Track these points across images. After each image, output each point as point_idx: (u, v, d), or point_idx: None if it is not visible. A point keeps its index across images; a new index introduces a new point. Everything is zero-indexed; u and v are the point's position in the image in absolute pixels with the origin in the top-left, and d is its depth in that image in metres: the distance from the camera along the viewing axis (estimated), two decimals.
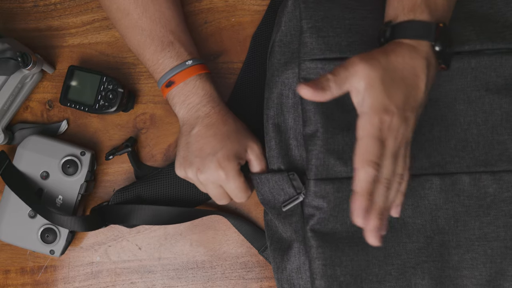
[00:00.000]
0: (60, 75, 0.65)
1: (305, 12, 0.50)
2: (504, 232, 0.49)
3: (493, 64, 0.49)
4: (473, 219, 0.49)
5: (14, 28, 0.66)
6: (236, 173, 0.52)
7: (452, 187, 0.49)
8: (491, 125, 0.49)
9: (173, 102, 0.55)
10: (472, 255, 0.49)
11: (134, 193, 0.62)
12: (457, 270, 0.50)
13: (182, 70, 0.54)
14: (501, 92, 0.49)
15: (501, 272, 0.49)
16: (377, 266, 0.49)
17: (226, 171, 0.51)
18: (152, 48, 0.55)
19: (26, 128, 0.64)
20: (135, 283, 0.64)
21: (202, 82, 0.55)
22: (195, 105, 0.54)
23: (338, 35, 0.49)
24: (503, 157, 0.49)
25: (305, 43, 0.50)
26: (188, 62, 0.55)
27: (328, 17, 0.50)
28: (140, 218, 0.60)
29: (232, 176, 0.51)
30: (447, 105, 0.49)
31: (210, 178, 0.52)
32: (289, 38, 0.53)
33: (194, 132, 0.53)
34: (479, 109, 0.49)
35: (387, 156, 0.41)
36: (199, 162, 0.52)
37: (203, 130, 0.53)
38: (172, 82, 0.54)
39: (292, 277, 0.53)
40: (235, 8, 0.64)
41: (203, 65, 0.56)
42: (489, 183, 0.49)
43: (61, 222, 0.58)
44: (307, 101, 0.49)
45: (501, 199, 0.49)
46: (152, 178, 0.62)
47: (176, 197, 0.62)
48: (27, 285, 0.65)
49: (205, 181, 0.52)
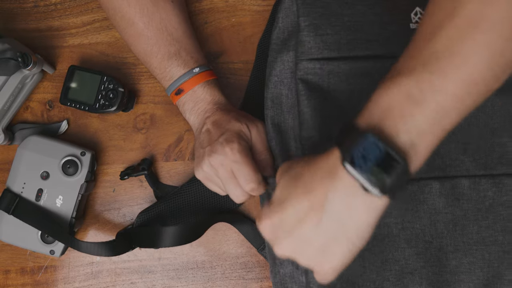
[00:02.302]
0: (60, 75, 0.65)
1: (303, 8, 0.49)
2: (502, 236, 0.49)
3: None
4: (472, 223, 0.49)
5: (15, 28, 0.66)
6: (242, 149, 0.51)
7: (452, 191, 0.49)
8: (492, 127, 0.48)
9: (183, 109, 0.56)
10: (470, 260, 0.49)
11: (156, 213, 0.62)
12: (454, 274, 0.49)
13: (190, 78, 0.55)
14: (502, 95, 0.48)
15: (498, 276, 0.49)
16: (375, 272, 0.49)
17: (232, 147, 0.50)
18: (159, 56, 0.55)
19: (26, 128, 0.64)
20: (135, 283, 0.64)
21: (210, 88, 0.55)
22: (203, 110, 0.55)
23: (336, 33, 0.48)
24: (503, 160, 0.48)
25: (303, 42, 0.48)
26: (195, 70, 0.55)
27: (326, 14, 0.48)
28: (166, 240, 0.60)
29: (238, 152, 0.50)
30: None
31: (219, 158, 0.51)
32: (286, 35, 0.52)
33: (204, 130, 0.54)
34: (480, 111, 0.48)
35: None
36: (209, 149, 0.52)
37: (211, 127, 0.53)
38: (181, 90, 0.55)
39: (286, 281, 0.52)
40: (235, 8, 0.64)
41: (210, 71, 0.56)
42: (488, 186, 0.48)
43: (88, 250, 0.58)
44: (304, 103, 0.49)
45: (500, 203, 0.49)
46: (172, 197, 0.62)
47: (198, 212, 0.62)
48: (27, 285, 0.65)
49: (216, 164, 0.51)
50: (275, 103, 0.53)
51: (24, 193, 0.61)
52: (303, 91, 0.48)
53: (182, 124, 0.64)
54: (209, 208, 0.62)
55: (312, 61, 0.48)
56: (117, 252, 0.59)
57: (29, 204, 0.60)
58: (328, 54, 0.48)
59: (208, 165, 0.52)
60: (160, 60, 0.55)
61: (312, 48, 0.48)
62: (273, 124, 0.53)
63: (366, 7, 0.49)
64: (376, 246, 0.48)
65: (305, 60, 0.49)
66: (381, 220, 0.37)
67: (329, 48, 0.48)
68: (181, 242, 0.60)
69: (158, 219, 0.62)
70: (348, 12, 0.48)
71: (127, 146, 0.65)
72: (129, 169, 0.64)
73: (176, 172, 0.64)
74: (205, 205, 0.62)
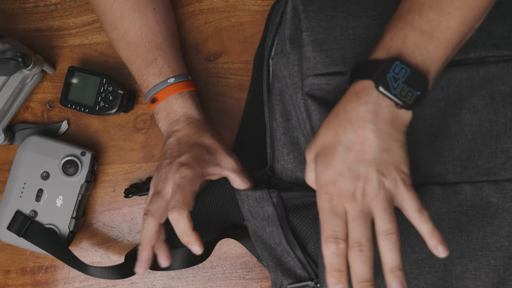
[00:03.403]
0: (60, 75, 0.65)
1: (306, 23, 0.47)
2: (508, 242, 0.48)
3: (500, 73, 0.47)
4: (477, 229, 0.48)
5: (15, 28, 0.66)
6: (190, 177, 0.49)
7: (454, 196, 0.48)
8: (495, 133, 0.48)
9: (157, 118, 0.56)
10: (475, 265, 0.48)
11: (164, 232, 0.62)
12: (460, 280, 0.49)
13: (163, 88, 0.55)
14: (506, 100, 0.47)
15: (503, 282, 0.48)
16: (380, 278, 0.49)
17: (181, 173, 0.49)
18: (137, 63, 0.56)
19: (26, 128, 0.64)
20: (135, 283, 0.64)
21: (183, 100, 0.55)
22: (174, 121, 0.55)
23: (342, 47, 0.47)
24: (506, 166, 0.48)
25: (308, 58, 0.47)
26: (170, 80, 0.55)
27: (331, 27, 0.47)
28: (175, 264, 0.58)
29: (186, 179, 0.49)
30: (453, 116, 0.48)
31: (170, 176, 0.49)
32: (288, 48, 0.50)
33: (169, 142, 0.53)
34: (484, 118, 0.48)
35: (351, 220, 0.41)
36: (167, 162, 0.51)
37: (175, 142, 0.53)
38: (156, 99, 0.55)
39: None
40: (235, 8, 0.64)
41: (186, 82, 0.56)
42: (492, 192, 0.48)
43: (98, 274, 0.58)
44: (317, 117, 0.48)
45: (504, 208, 0.48)
46: None
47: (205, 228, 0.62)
48: (27, 285, 0.65)
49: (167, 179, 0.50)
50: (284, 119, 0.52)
51: (24, 193, 0.61)
52: (313, 106, 0.48)
53: None
54: (215, 224, 0.62)
55: (318, 77, 0.47)
56: (126, 274, 0.58)
57: (40, 228, 0.60)
58: (334, 69, 0.47)
59: (161, 176, 0.50)
60: (138, 67, 0.56)
61: (317, 63, 0.47)
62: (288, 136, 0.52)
63: (369, 18, 0.47)
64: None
65: (311, 76, 0.47)
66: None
67: (335, 63, 0.47)
68: (189, 264, 0.59)
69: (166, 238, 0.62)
70: (353, 25, 0.47)
71: (127, 146, 0.65)
72: (134, 187, 0.64)
73: None
74: (211, 221, 0.62)
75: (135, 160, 0.65)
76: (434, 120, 0.48)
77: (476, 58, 0.47)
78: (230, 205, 0.62)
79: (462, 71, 0.47)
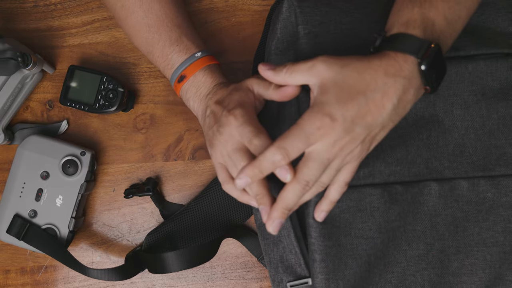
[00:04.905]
0: (60, 75, 0.65)
1: (301, 17, 0.49)
2: (503, 237, 0.49)
3: (489, 69, 0.48)
4: (473, 225, 0.49)
5: (15, 28, 0.66)
6: (244, 113, 0.49)
7: (451, 192, 0.49)
8: (488, 129, 0.49)
9: (186, 97, 0.55)
10: (472, 261, 0.49)
11: (165, 234, 0.62)
12: (456, 276, 0.49)
13: (192, 63, 0.54)
14: (497, 96, 0.49)
15: (499, 277, 0.49)
16: (377, 275, 0.49)
17: (235, 114, 0.48)
18: (161, 44, 0.55)
19: (26, 128, 0.64)
20: (135, 283, 0.64)
21: (212, 72, 0.55)
22: (205, 94, 0.54)
23: (335, 40, 0.48)
24: (500, 162, 0.49)
25: (302, 50, 0.49)
26: (197, 54, 0.55)
27: (325, 22, 0.49)
28: (175, 265, 0.59)
29: (241, 116, 0.48)
30: (444, 110, 0.49)
31: (227, 130, 0.49)
32: (285, 45, 0.52)
33: (208, 113, 0.52)
34: (476, 113, 0.49)
35: (312, 160, 0.42)
36: (216, 126, 0.50)
37: (214, 107, 0.52)
38: (184, 76, 0.54)
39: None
40: (235, 8, 0.65)
41: (211, 56, 0.56)
42: (487, 188, 0.49)
43: (98, 276, 0.58)
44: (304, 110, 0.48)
45: (500, 204, 0.49)
46: (179, 216, 0.62)
47: (206, 229, 0.62)
48: (27, 285, 0.65)
49: (225, 139, 0.49)
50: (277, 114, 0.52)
51: (24, 193, 0.61)
52: (304, 98, 0.48)
53: (182, 124, 0.65)
54: (217, 225, 0.62)
55: None
56: (127, 276, 0.59)
57: (39, 231, 0.60)
58: None
59: (219, 142, 0.49)
60: (162, 48, 0.55)
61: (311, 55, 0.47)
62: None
63: (363, 15, 0.49)
64: (380, 250, 0.48)
65: None
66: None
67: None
68: (190, 265, 0.59)
69: (167, 239, 0.62)
70: (346, 20, 0.49)
71: (127, 146, 0.65)
72: (134, 187, 0.64)
73: (176, 172, 0.64)
74: (213, 222, 0.62)
75: (135, 160, 0.65)
76: (424, 112, 0.49)
77: (466, 56, 0.49)
78: (231, 205, 0.62)
79: (451, 65, 0.48)
